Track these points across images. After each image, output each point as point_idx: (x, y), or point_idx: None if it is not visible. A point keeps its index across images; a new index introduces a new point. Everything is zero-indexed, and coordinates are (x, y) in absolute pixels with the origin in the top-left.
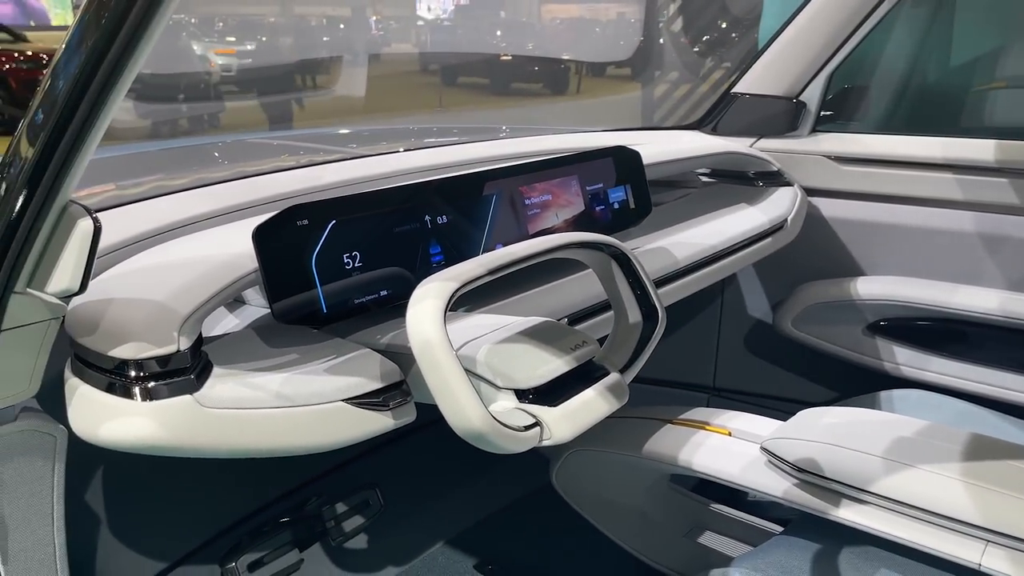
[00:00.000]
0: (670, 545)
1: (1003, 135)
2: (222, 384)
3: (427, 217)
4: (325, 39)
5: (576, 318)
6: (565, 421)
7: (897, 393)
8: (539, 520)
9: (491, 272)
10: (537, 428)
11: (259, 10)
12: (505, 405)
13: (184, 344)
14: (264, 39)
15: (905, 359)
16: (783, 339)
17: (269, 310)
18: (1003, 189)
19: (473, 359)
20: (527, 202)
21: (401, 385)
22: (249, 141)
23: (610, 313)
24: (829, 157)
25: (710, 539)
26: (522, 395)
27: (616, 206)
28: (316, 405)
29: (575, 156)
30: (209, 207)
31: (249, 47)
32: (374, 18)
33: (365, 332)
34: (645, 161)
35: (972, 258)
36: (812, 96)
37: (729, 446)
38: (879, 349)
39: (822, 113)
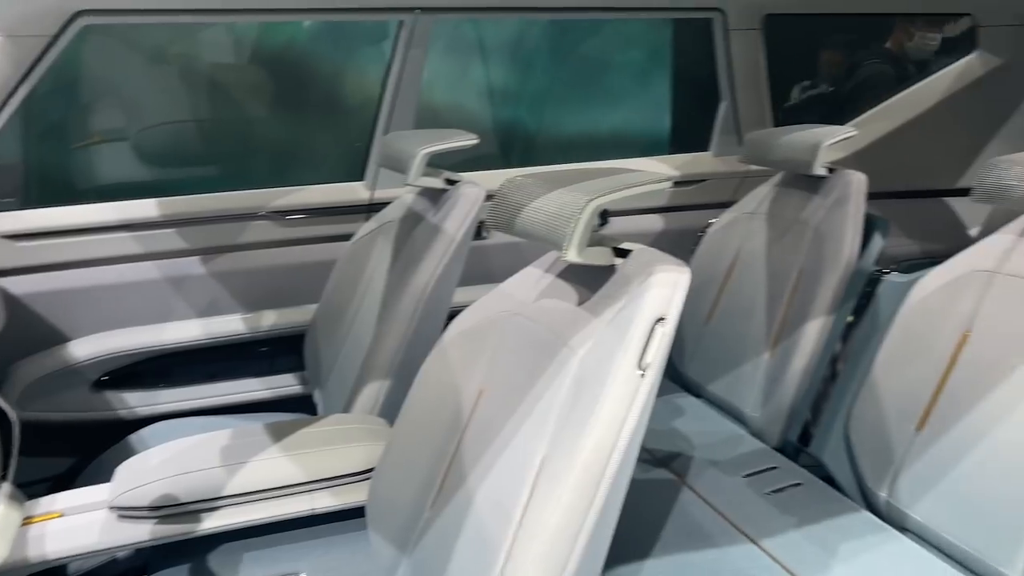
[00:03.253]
0: None
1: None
2: None
3: None
4: None
5: None
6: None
7: (146, 431)
8: None
9: None
10: None
11: None
12: None
13: None
14: None
15: (138, 401)
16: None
17: None
18: (172, 238)
19: None
20: None
21: None
22: None
23: None
24: (4, 236)
25: None
26: None
27: None
28: None
29: None
30: None
31: None
32: None
33: None
34: None
35: (167, 299)
36: None
37: (71, 524)
38: (111, 401)
39: None
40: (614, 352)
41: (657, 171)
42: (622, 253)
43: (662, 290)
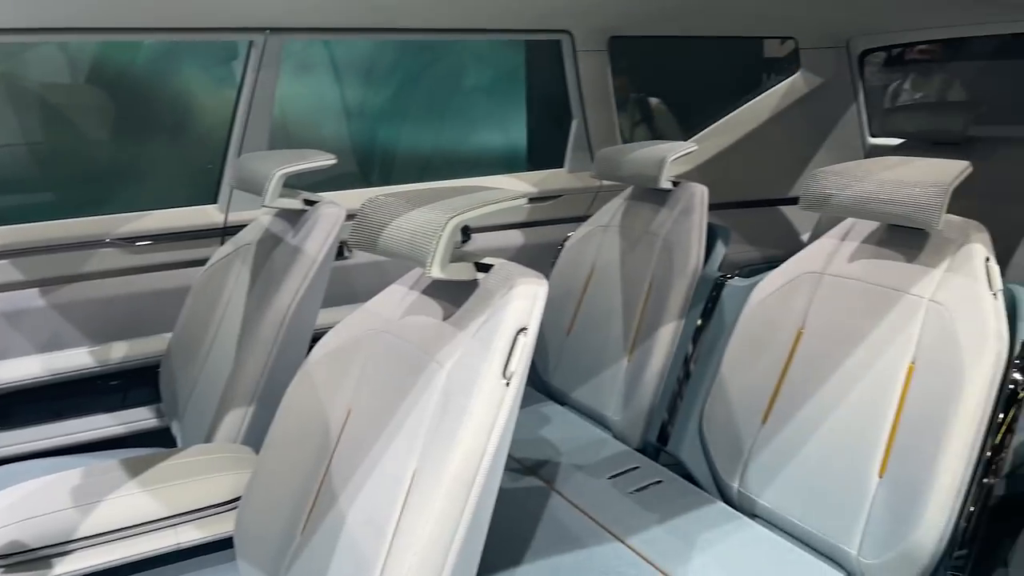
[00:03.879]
0: None
1: None
2: None
3: None
4: None
5: None
6: None
7: None
8: None
9: None
10: None
11: None
12: None
13: None
14: None
15: None
16: None
17: None
18: (6, 270)
19: None
20: None
21: None
22: None
23: None
24: None
25: None
26: None
27: None
28: None
29: None
30: None
31: None
32: None
33: None
34: None
35: (2, 335)
36: None
37: None
38: None
39: None
40: (479, 363)
41: (515, 188)
42: (484, 268)
43: (523, 302)
